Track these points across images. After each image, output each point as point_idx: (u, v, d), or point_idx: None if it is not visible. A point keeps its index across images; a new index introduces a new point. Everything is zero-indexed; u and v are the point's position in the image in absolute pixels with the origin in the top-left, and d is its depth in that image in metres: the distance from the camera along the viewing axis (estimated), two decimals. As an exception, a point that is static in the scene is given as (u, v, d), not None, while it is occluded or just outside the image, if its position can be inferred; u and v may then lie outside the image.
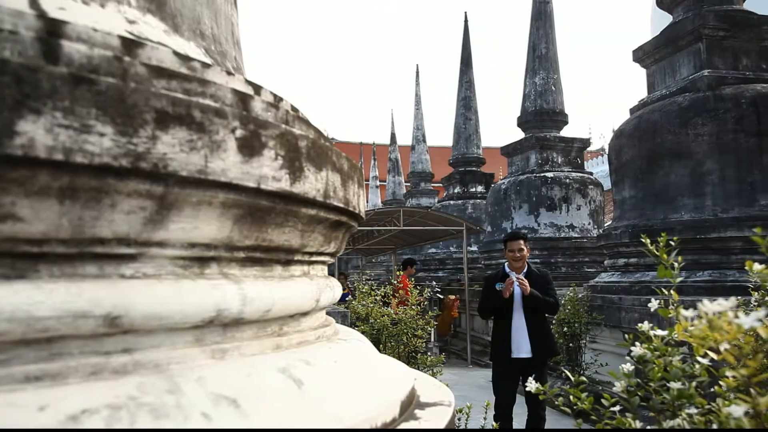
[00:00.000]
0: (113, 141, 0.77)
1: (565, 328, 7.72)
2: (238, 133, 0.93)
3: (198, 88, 0.91)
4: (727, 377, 1.31)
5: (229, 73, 1.06)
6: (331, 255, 1.46)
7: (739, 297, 1.24)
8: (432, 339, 11.37)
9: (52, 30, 0.76)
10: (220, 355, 1.00)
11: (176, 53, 0.93)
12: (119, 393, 0.79)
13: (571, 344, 7.89)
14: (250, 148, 0.95)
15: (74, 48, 0.76)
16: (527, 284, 4.96)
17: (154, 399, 0.81)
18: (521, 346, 5.06)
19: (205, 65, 0.99)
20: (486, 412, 4.35)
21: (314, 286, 1.29)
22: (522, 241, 5.21)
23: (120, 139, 0.77)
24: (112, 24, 0.96)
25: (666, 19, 8.51)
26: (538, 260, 11.69)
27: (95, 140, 0.75)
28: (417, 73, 24.34)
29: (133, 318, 0.85)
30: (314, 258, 1.36)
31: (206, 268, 1.02)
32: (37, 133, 0.71)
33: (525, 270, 5.22)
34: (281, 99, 1.22)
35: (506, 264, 5.35)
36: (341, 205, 1.24)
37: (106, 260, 0.87)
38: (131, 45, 0.86)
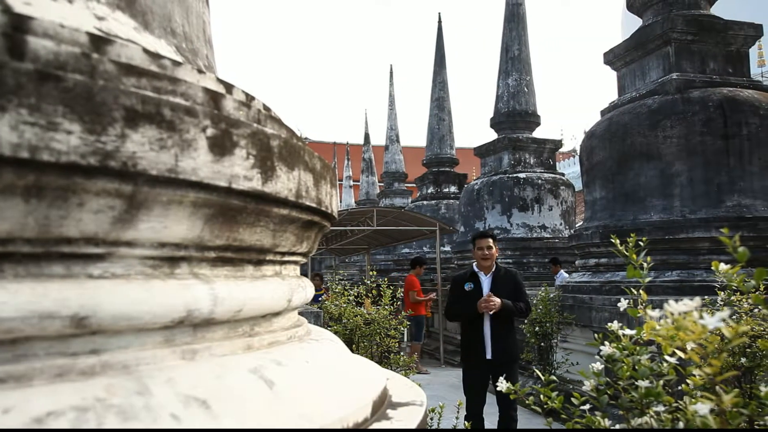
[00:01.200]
0: (81, 139, 0.75)
1: (537, 328, 7.79)
2: (209, 132, 0.92)
3: (168, 87, 0.90)
4: (693, 376, 1.33)
5: (200, 72, 1.05)
6: (304, 255, 1.46)
7: (706, 297, 1.26)
8: (405, 339, 11.40)
9: (17, 25, 0.74)
10: (190, 355, 0.99)
11: (146, 51, 0.92)
12: (86, 395, 0.77)
13: (542, 344, 7.97)
14: (221, 147, 0.94)
15: (41, 44, 0.74)
16: (497, 303, 4.94)
17: (122, 400, 0.80)
18: (488, 348, 5.07)
19: (176, 63, 0.98)
20: (458, 412, 4.37)
21: (286, 286, 1.29)
22: (491, 240, 5.20)
23: (88, 137, 0.76)
24: (81, 20, 0.95)
25: (636, 22, 8.64)
26: (510, 260, 11.79)
27: (62, 138, 0.74)
28: (391, 73, 24.36)
29: (101, 318, 0.84)
30: (286, 258, 1.35)
31: (176, 268, 1.01)
32: (2, 130, 0.69)
33: (494, 269, 5.22)
34: (253, 98, 1.21)
35: (475, 264, 5.32)
36: (313, 204, 1.24)
37: (74, 260, 0.85)
38: (100, 42, 0.84)
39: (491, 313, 4.96)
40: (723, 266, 1.59)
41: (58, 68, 0.75)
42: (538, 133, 13.38)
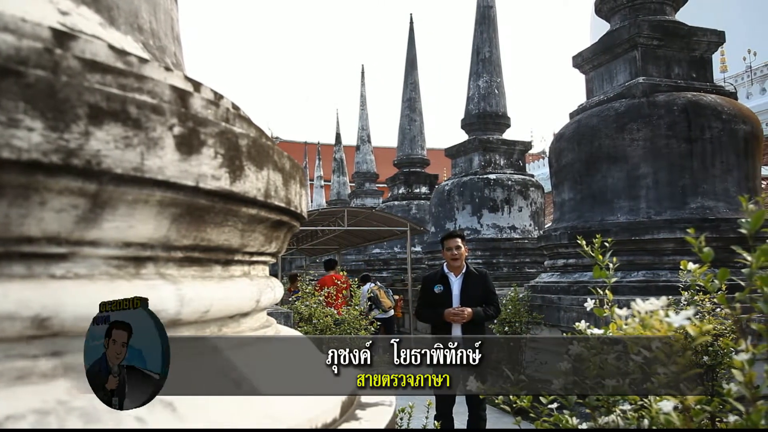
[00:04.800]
0: (43, 136, 0.74)
1: (506, 328, 7.85)
2: (176, 130, 0.91)
3: (134, 84, 0.89)
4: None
5: (167, 69, 1.03)
6: (273, 255, 1.45)
7: (670, 296, 1.28)
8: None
9: (-23, 19, 0.72)
10: (156, 357, 0.98)
11: (112, 47, 0.91)
12: (47, 398, 0.76)
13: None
14: (188, 146, 0.93)
15: (0, 38, 0.73)
16: (466, 314, 4.94)
17: (85, 403, 0.78)
18: None
19: (143, 60, 0.96)
20: (428, 412, 4.38)
21: (255, 287, 1.28)
22: (459, 239, 5.20)
23: (50, 135, 0.74)
24: (43, 14, 0.93)
25: (604, 26, 8.77)
26: (480, 261, 11.86)
27: (23, 135, 0.72)
28: (362, 73, 24.31)
29: (64, 320, 0.82)
30: (255, 258, 1.34)
31: (142, 268, 0.99)
32: (-40, 126, 0.67)
33: (464, 270, 5.21)
34: (222, 96, 1.20)
35: (445, 264, 5.31)
36: (283, 204, 1.23)
37: (35, 260, 0.83)
38: (63, 37, 0.82)
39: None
40: (692, 265, 1.62)
41: (19, 63, 0.73)
42: (508, 135, 13.49)
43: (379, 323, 8.75)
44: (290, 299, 7.61)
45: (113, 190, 0.85)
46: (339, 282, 9.16)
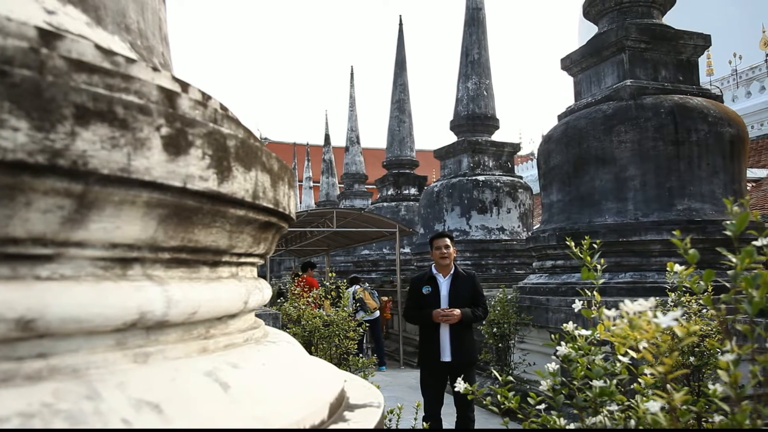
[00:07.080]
0: (29, 136, 0.73)
1: (495, 329, 7.87)
2: (164, 131, 0.91)
3: (121, 84, 0.88)
4: (645, 375, 1.36)
5: (155, 69, 1.03)
6: (261, 256, 1.44)
7: (657, 297, 1.29)
8: (364, 340, 11.43)
9: (-39, 18, 0.72)
10: (143, 359, 0.97)
11: (98, 47, 0.90)
12: (32, 400, 0.75)
13: (500, 344, 8.06)
14: (176, 146, 0.93)
15: (-14, 38, 0.72)
16: (455, 315, 4.96)
17: (70, 406, 0.77)
18: (446, 351, 5.06)
19: (130, 60, 0.96)
20: (416, 413, 4.39)
21: (243, 288, 1.27)
22: (448, 239, 5.22)
23: (36, 135, 0.74)
24: (29, 13, 0.92)
25: (592, 29, 8.82)
26: (469, 262, 11.89)
27: (8, 135, 0.72)
28: (352, 74, 24.30)
29: (49, 321, 0.82)
30: (243, 259, 1.34)
31: (129, 269, 0.99)
32: (-56, 126, 0.67)
33: (452, 271, 5.23)
34: (210, 97, 1.19)
35: (433, 266, 5.32)
36: (271, 206, 1.23)
37: (20, 261, 0.83)
38: (49, 36, 0.82)
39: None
40: (678, 267, 1.63)
41: (5, 63, 0.72)
42: (497, 137, 13.54)
43: (367, 324, 8.77)
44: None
45: (100, 190, 0.84)
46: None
